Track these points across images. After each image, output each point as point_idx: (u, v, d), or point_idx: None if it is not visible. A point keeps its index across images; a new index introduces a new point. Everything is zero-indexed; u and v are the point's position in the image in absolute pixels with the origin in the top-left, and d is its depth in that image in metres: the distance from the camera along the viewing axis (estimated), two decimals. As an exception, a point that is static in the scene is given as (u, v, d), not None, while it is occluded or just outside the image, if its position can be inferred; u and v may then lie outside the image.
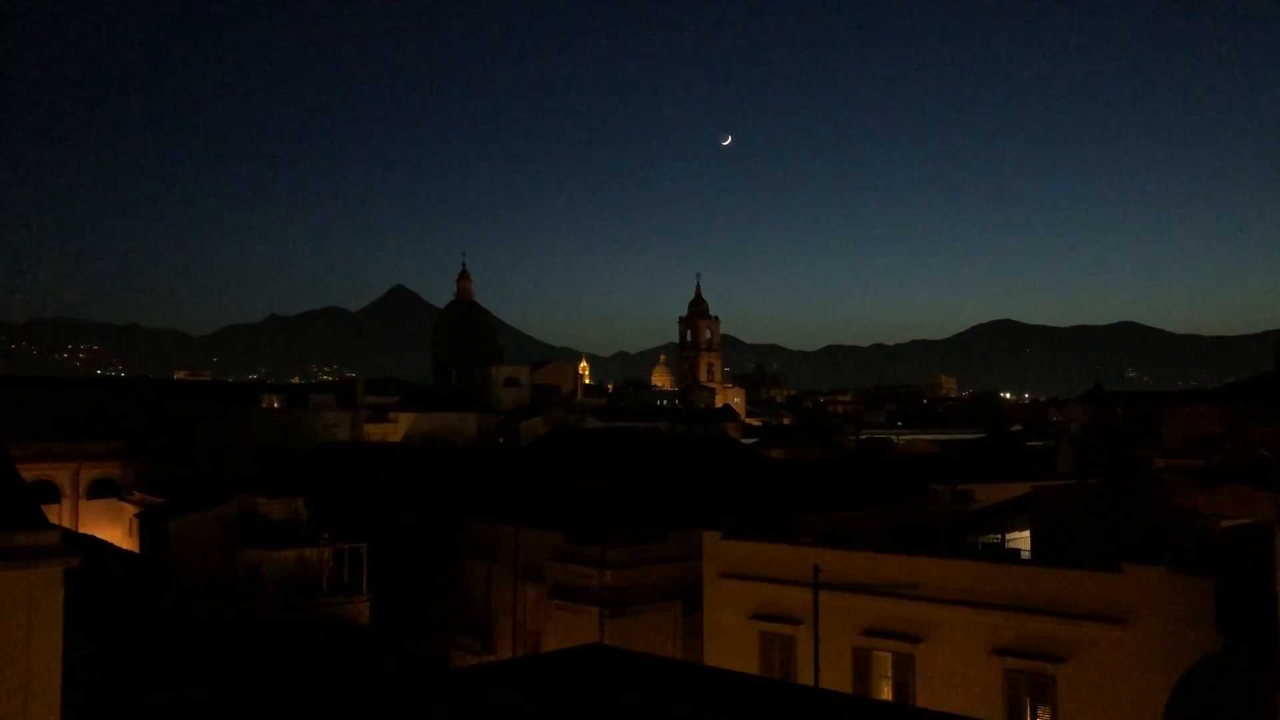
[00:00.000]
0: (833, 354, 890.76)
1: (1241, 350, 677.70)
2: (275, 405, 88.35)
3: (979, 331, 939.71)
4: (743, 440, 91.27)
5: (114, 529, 61.16)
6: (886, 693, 25.50)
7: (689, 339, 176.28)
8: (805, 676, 26.05)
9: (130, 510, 59.33)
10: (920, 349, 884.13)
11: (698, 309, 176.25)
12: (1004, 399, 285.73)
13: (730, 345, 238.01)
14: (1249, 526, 30.47)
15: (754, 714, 12.80)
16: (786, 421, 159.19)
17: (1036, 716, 23.25)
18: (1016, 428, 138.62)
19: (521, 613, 37.01)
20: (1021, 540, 31.22)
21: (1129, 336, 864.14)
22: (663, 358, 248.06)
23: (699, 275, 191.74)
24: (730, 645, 28.60)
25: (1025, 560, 27.05)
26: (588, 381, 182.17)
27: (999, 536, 32.67)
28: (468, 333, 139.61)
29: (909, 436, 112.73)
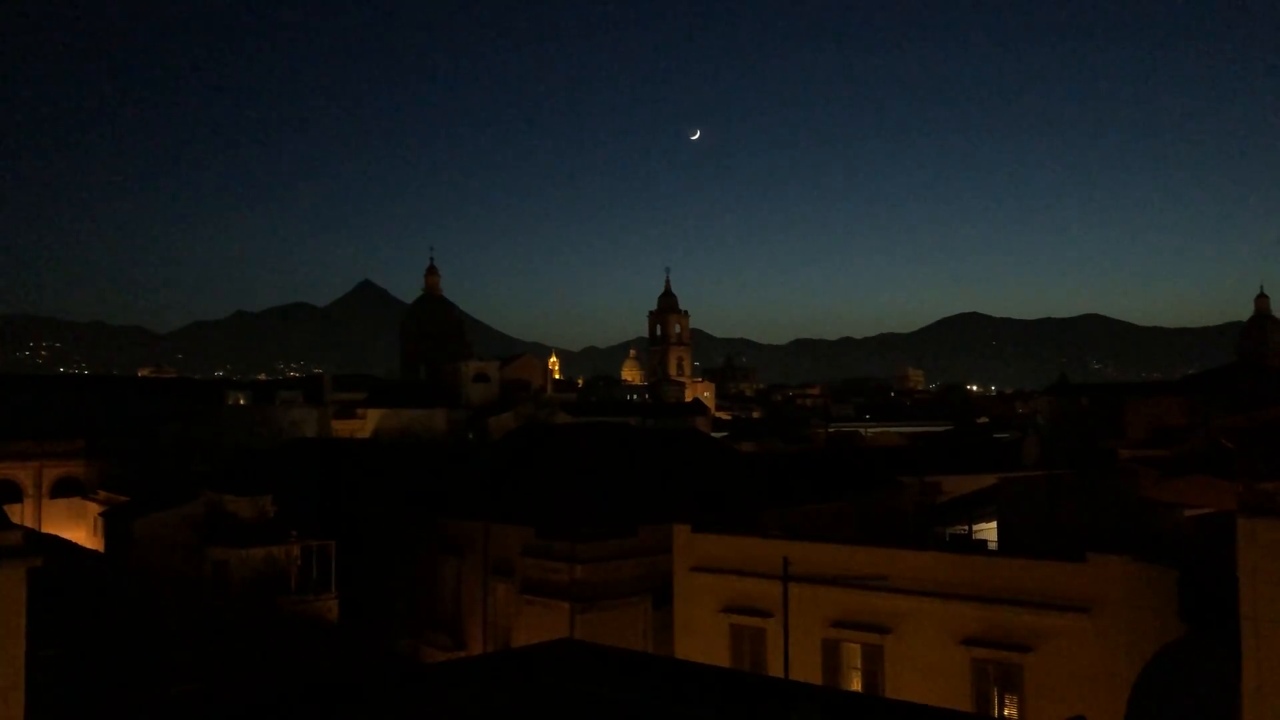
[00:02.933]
0: (801, 348, 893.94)
1: (1204, 342, 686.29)
2: (241, 402, 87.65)
3: (946, 325, 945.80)
4: (712, 434, 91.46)
5: (78, 529, 60.46)
6: (856, 684, 25.68)
7: (659, 333, 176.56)
8: (775, 669, 26.18)
9: (94, 509, 58.67)
10: (888, 342, 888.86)
11: (667, 303, 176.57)
12: (971, 391, 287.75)
13: (700, 339, 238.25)
14: (1212, 516, 30.85)
15: (725, 707, 12.84)
16: (756, 415, 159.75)
17: (1004, 705, 23.49)
18: (983, 420, 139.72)
19: (492, 608, 36.95)
20: (989, 531, 31.48)
21: (1094, 329, 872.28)
22: (633, 352, 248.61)
23: (668, 269, 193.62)
24: (701, 638, 28.69)
25: (992, 551, 27.31)
26: (557, 376, 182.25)
27: (966, 528, 32.91)
28: (436, 328, 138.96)
29: (877, 429, 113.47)
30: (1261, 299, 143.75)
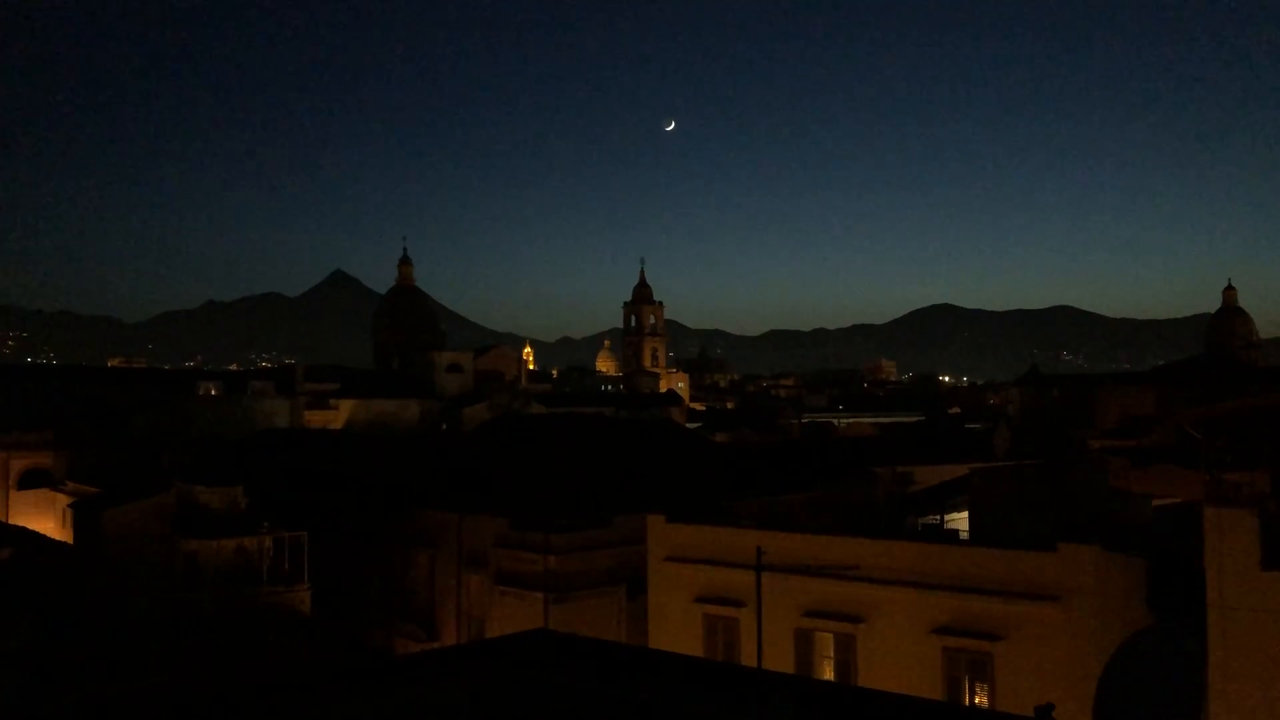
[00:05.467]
0: (775, 339, 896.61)
1: (1173, 333, 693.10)
2: (213, 393, 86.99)
3: (918, 316, 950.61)
4: (687, 425, 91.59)
5: (46, 520, 59.90)
6: (828, 672, 25.79)
7: (633, 324, 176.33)
8: (749, 658, 26.26)
9: (63, 500, 58.15)
10: (861, 333, 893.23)
11: (642, 294, 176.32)
12: (943, 382, 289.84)
13: (674, 330, 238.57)
14: (1180, 506, 31.20)
15: (698, 696, 12.88)
16: (730, 406, 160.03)
17: (975, 693, 23.66)
18: (955, 410, 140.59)
19: (466, 599, 36.88)
20: (960, 521, 31.66)
21: (1064, 320, 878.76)
22: (607, 343, 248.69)
23: (643, 260, 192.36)
24: (674, 628, 28.75)
25: (964, 541, 27.48)
26: (532, 367, 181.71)
27: (938, 517, 33.10)
28: (409, 318, 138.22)
29: (850, 420, 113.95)
30: (1229, 291, 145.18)
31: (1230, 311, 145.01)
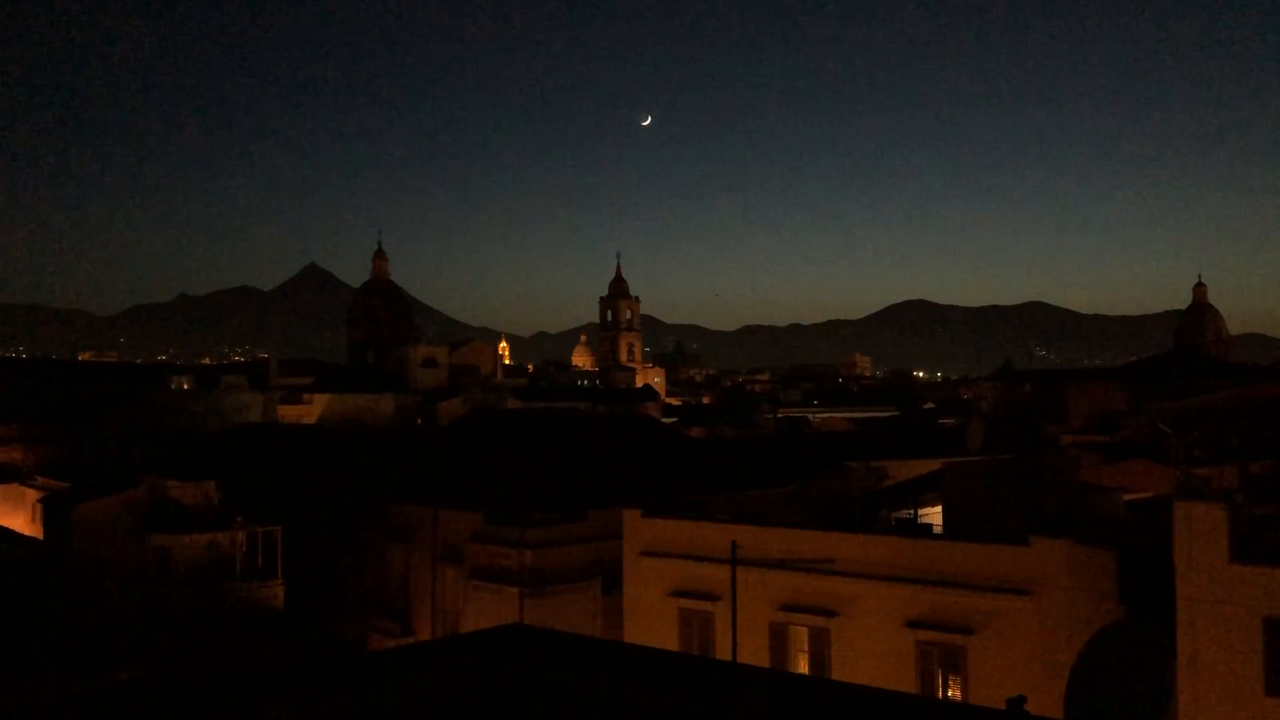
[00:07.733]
0: (751, 334, 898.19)
1: (1144, 329, 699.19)
2: (185, 387, 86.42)
3: (892, 311, 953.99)
4: (662, 420, 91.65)
5: (16, 516, 59.28)
6: (803, 666, 25.91)
7: (609, 319, 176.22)
8: (723, 652, 26.35)
9: (33, 496, 57.56)
10: (835, 329, 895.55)
11: (618, 289, 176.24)
12: (917, 377, 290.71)
13: (650, 325, 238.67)
14: (1151, 500, 31.50)
15: (673, 689, 12.90)
16: (706, 401, 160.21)
17: (948, 686, 23.83)
18: (929, 406, 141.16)
19: (441, 594, 36.81)
20: (933, 515, 31.83)
21: (1037, 316, 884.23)
22: (583, 338, 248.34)
23: (619, 255, 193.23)
24: (650, 622, 28.79)
25: (937, 535, 27.65)
26: (507, 362, 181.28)
27: (911, 512, 33.27)
28: (384, 312, 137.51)
29: (825, 415, 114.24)
30: (1200, 288, 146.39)
31: (1201, 308, 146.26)
